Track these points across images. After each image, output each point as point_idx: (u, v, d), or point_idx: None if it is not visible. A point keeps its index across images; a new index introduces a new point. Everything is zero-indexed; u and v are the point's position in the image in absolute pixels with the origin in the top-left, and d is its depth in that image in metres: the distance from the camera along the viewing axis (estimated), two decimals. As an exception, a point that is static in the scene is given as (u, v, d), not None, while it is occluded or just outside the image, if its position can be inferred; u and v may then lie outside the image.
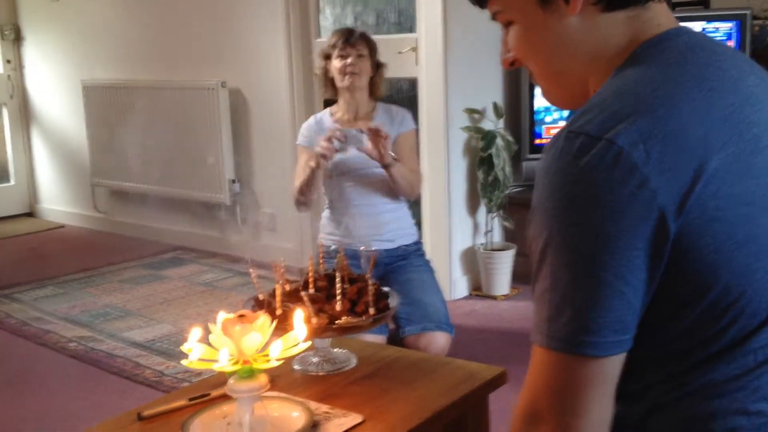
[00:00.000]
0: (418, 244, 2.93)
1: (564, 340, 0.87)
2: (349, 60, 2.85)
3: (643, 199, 0.83)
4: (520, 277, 3.83)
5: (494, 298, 3.76)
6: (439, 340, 2.61)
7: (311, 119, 2.99)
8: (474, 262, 3.85)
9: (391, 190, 2.84)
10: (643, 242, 0.84)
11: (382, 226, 2.82)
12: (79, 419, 2.63)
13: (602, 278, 0.84)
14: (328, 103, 3.08)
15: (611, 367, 0.88)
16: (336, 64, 2.87)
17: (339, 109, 2.94)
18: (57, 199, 5.74)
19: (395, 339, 2.59)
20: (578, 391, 0.87)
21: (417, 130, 3.08)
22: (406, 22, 3.99)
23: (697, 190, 0.84)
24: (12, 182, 5.87)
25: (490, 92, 3.87)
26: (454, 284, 3.79)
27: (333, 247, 2.76)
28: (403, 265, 2.81)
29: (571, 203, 0.85)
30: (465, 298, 3.81)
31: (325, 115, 2.96)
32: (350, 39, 2.87)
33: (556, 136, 0.89)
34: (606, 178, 0.83)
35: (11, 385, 3.00)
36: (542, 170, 0.89)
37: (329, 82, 2.93)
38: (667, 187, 0.83)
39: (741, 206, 0.86)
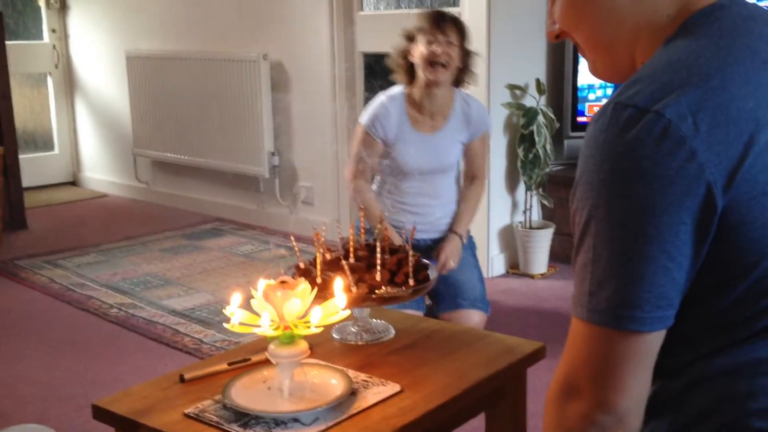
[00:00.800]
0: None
1: (606, 314, 0.86)
2: (436, 47, 2.60)
3: (691, 173, 0.82)
4: (558, 256, 3.82)
5: (531, 276, 3.74)
6: (473, 317, 2.60)
7: (384, 100, 2.73)
8: (512, 240, 3.83)
9: (446, 192, 2.80)
10: (689, 217, 0.83)
11: (433, 222, 2.78)
12: (119, 382, 2.68)
13: (647, 253, 0.83)
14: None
15: (652, 342, 0.87)
16: (421, 49, 2.61)
17: (414, 96, 2.72)
18: (99, 169, 5.83)
19: (431, 316, 2.59)
20: (617, 365, 0.87)
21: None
22: (449, -3, 3.95)
23: (747, 165, 0.83)
24: (56, 151, 5.96)
25: (533, 68, 3.83)
26: (491, 262, 3.78)
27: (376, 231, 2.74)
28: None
29: (618, 176, 0.84)
30: (502, 275, 3.80)
31: (401, 102, 2.72)
32: (440, 23, 2.61)
33: (604, 107, 0.88)
34: (654, 151, 0.82)
35: (54, 348, 3.07)
36: (588, 141, 0.88)
37: (407, 66, 2.69)
38: (716, 160, 0.82)
39: (791, 181, 0.84)
